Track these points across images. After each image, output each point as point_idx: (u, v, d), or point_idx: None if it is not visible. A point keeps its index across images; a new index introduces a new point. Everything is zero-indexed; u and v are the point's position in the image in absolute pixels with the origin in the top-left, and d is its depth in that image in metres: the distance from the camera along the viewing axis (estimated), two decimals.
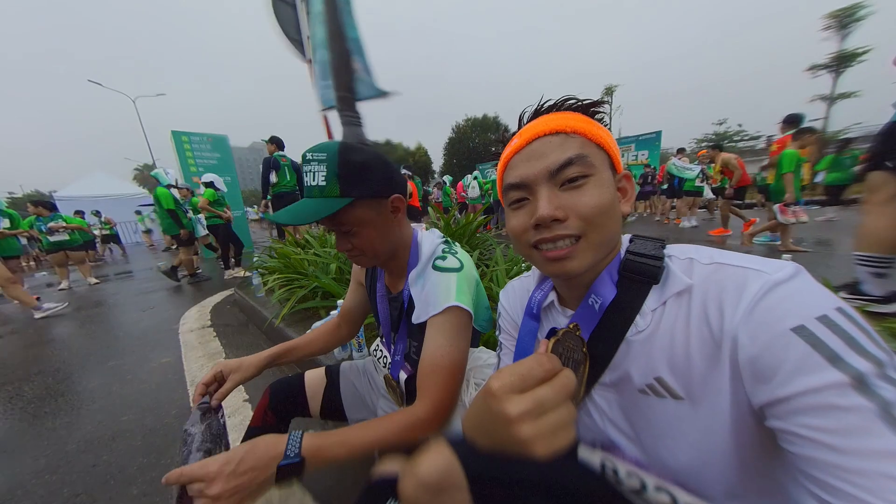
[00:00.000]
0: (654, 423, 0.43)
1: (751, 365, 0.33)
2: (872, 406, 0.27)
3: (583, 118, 0.46)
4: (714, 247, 0.43)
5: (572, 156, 0.43)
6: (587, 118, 0.47)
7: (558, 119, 0.46)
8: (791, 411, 0.30)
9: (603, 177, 0.44)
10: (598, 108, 0.48)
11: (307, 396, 0.91)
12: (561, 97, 0.49)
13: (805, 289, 0.33)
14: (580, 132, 0.44)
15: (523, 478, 0.47)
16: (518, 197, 0.47)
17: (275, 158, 4.51)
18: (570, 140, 0.44)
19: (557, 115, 0.47)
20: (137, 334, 2.72)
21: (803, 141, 3.51)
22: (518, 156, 0.47)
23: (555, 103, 0.49)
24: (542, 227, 0.44)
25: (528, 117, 0.50)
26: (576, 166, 0.43)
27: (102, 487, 1.14)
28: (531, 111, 0.50)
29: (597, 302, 0.46)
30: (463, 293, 0.68)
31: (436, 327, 0.67)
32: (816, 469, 0.29)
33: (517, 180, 0.46)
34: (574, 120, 0.45)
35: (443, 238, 0.80)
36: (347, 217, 0.65)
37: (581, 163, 0.43)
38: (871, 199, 1.72)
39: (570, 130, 0.44)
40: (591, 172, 0.43)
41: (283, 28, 2.46)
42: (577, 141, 0.44)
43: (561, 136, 0.44)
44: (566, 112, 0.48)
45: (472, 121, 39.47)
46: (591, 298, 0.47)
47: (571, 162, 0.43)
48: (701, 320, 0.38)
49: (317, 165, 0.62)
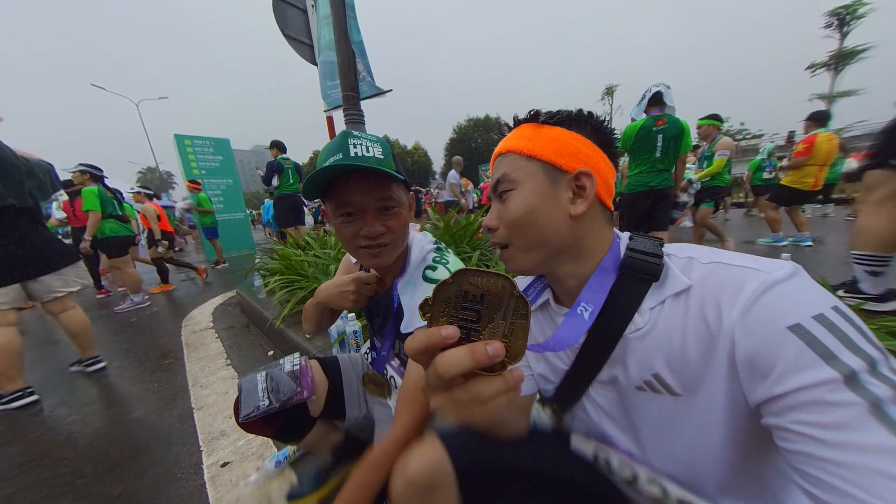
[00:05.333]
0: (650, 419, 0.44)
1: (748, 363, 0.34)
2: (863, 402, 0.28)
3: (522, 132, 0.50)
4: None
5: (499, 176, 0.50)
6: (528, 130, 0.50)
7: (504, 141, 0.53)
8: (786, 408, 0.31)
9: (528, 186, 0.47)
10: (537, 118, 0.51)
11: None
12: (514, 115, 0.55)
13: (802, 288, 0.34)
14: (512, 150, 0.50)
15: (515, 467, 0.48)
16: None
17: (278, 162, 4.52)
18: (503, 160, 0.51)
19: (511, 133, 0.53)
20: (141, 335, 2.75)
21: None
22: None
23: (514, 120, 0.54)
24: (490, 232, 0.52)
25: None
26: (502, 183, 0.50)
27: (112, 482, 1.15)
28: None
29: (586, 310, 0.46)
30: None
31: None
32: (807, 464, 0.29)
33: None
34: (512, 138, 0.51)
35: (434, 244, 0.80)
36: (395, 192, 0.67)
37: (505, 181, 0.49)
38: (869, 198, 1.70)
39: (505, 150, 0.51)
40: (512, 187, 0.48)
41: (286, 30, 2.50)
42: (508, 159, 0.50)
43: (500, 158, 0.52)
44: (519, 126, 0.52)
45: (474, 121, 39.48)
46: (579, 307, 0.47)
47: (499, 181, 0.50)
48: (699, 318, 0.38)
49: (369, 143, 0.65)
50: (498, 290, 0.30)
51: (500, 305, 0.30)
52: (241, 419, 0.78)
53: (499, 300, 0.30)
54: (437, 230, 2.94)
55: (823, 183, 3.52)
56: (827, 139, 3.34)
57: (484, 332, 0.30)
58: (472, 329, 0.30)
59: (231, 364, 2.01)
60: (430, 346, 0.28)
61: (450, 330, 0.28)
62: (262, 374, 0.84)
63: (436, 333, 0.28)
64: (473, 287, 0.30)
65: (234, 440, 1.31)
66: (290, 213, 4.76)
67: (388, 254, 0.70)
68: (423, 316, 0.31)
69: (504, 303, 0.30)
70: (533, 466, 0.48)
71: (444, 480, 0.44)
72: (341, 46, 1.89)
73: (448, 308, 0.30)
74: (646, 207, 2.69)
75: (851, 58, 21.51)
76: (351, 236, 0.67)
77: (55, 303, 1.92)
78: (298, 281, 2.43)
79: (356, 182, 0.63)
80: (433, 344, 0.28)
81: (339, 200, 0.65)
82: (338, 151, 0.62)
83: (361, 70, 2.38)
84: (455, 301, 0.30)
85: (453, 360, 0.27)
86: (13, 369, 1.73)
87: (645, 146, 2.60)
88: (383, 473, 0.54)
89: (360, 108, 2.04)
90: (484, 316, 0.30)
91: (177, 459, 1.24)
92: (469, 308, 0.30)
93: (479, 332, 0.30)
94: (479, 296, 0.30)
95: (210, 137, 7.36)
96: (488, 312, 0.30)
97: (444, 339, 0.27)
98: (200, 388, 1.75)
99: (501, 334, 0.30)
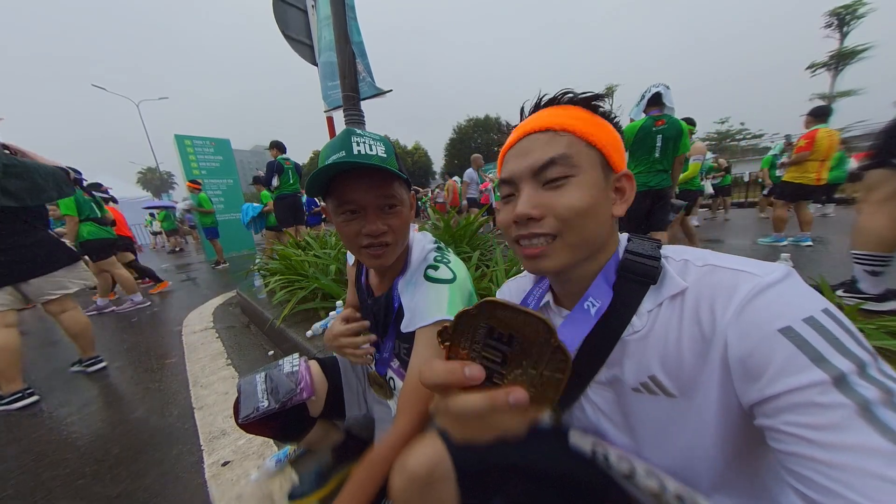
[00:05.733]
0: (647, 420, 0.44)
1: (740, 364, 0.34)
2: (852, 404, 0.28)
3: (578, 115, 0.45)
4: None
5: (555, 155, 0.42)
6: (585, 113, 0.45)
7: (551, 116, 0.45)
8: (777, 409, 0.31)
9: (587, 177, 0.43)
10: (598, 101, 0.47)
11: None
12: (560, 90, 0.47)
13: (793, 291, 0.34)
14: (570, 130, 0.44)
15: (513, 464, 0.48)
16: (507, 192, 0.48)
17: (278, 162, 4.52)
18: (557, 139, 0.43)
19: (553, 110, 0.46)
20: (142, 336, 2.75)
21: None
22: (511, 151, 0.48)
23: (553, 97, 0.48)
24: (520, 223, 0.44)
25: (528, 111, 0.50)
26: (558, 166, 0.42)
27: (112, 481, 1.16)
28: (531, 105, 0.50)
29: (593, 305, 0.46)
30: (455, 306, 0.67)
31: (424, 341, 0.66)
32: (797, 464, 0.30)
33: (507, 175, 0.47)
34: (567, 117, 0.44)
35: (435, 243, 0.80)
36: (398, 191, 0.67)
37: (564, 163, 0.42)
38: (870, 197, 1.69)
39: (558, 128, 0.44)
40: (573, 173, 0.43)
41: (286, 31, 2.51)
42: (564, 140, 0.43)
43: (549, 134, 0.44)
44: (564, 107, 0.46)
45: (474, 121, 39.50)
46: (587, 302, 0.46)
47: (553, 162, 0.42)
48: (693, 320, 0.38)
49: (372, 141, 0.64)
50: (530, 335, 0.26)
51: (532, 352, 0.26)
52: (240, 420, 0.78)
53: (530, 346, 0.26)
54: (436, 230, 2.95)
55: (826, 179, 3.56)
56: (827, 134, 3.37)
57: (508, 376, 0.27)
58: (494, 371, 0.27)
59: (231, 364, 2.01)
60: (450, 385, 0.27)
61: (475, 371, 0.26)
62: (262, 375, 0.84)
63: (458, 373, 0.26)
64: (502, 325, 0.26)
65: (234, 439, 1.32)
66: (290, 213, 4.76)
67: (390, 254, 0.70)
68: (441, 344, 0.28)
69: (536, 350, 0.26)
70: (532, 463, 0.48)
71: (443, 475, 0.45)
72: (342, 47, 1.89)
73: (470, 342, 0.27)
74: (645, 208, 2.70)
75: (851, 58, 21.53)
76: (353, 235, 0.66)
77: (54, 303, 1.92)
78: (299, 281, 2.43)
79: (358, 180, 0.63)
80: (454, 384, 0.26)
81: (341, 198, 0.65)
82: (340, 149, 0.62)
83: (362, 70, 2.39)
84: (478, 336, 0.27)
85: (469, 406, 0.25)
86: (13, 370, 1.73)
87: (644, 146, 2.60)
88: (384, 471, 0.54)
89: (360, 109, 2.04)
90: (511, 360, 0.26)
91: (178, 459, 1.25)
92: (494, 347, 0.27)
93: (503, 377, 0.27)
94: (506, 335, 0.26)
95: (210, 138, 7.36)
96: (517, 357, 0.26)
97: (466, 381, 0.26)
98: (201, 388, 1.76)
99: (528, 385, 0.26)
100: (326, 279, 2.22)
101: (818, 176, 3.47)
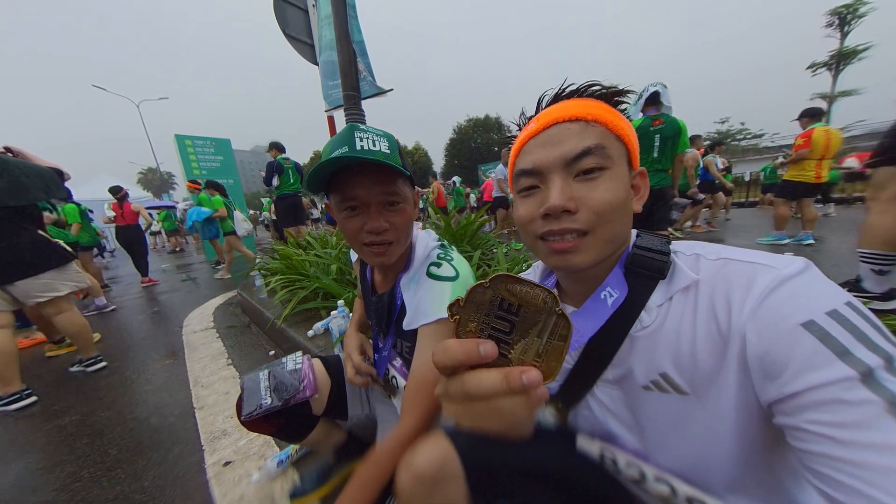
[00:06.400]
0: (657, 419, 0.43)
1: (759, 361, 0.33)
2: (880, 400, 0.27)
3: (605, 107, 0.44)
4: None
5: (591, 145, 0.40)
6: (609, 107, 0.44)
7: (579, 105, 0.43)
8: (799, 407, 0.30)
9: (619, 171, 0.42)
10: (622, 97, 0.46)
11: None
12: (585, 82, 0.46)
13: (814, 283, 0.33)
14: (601, 121, 0.42)
15: (520, 466, 0.47)
16: (529, 184, 0.45)
17: (278, 162, 4.52)
18: (590, 129, 0.42)
19: (578, 101, 0.45)
20: (142, 335, 2.74)
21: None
22: (533, 141, 0.45)
23: (577, 88, 0.46)
24: (551, 217, 0.42)
25: (547, 101, 0.48)
26: (593, 157, 0.40)
27: (111, 482, 1.15)
28: (551, 95, 0.48)
29: (611, 296, 0.45)
30: None
31: (426, 340, 0.65)
32: (822, 464, 0.29)
33: (530, 166, 0.44)
34: (596, 108, 0.43)
35: (438, 241, 0.79)
36: (401, 188, 0.66)
37: (599, 154, 0.41)
38: (879, 196, 1.68)
39: (591, 119, 0.42)
40: (607, 165, 0.41)
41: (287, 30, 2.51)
42: (598, 130, 0.42)
43: (581, 124, 0.42)
44: (588, 99, 0.45)
45: (474, 121, 39.48)
46: (604, 292, 0.45)
47: (589, 152, 0.40)
48: (708, 316, 0.37)
49: (376, 136, 0.63)
50: (538, 303, 0.27)
51: (538, 321, 0.27)
52: (243, 417, 0.77)
53: (537, 315, 0.27)
54: (437, 230, 2.94)
55: (826, 177, 3.57)
56: (824, 132, 3.40)
57: (516, 346, 0.28)
58: (502, 340, 0.28)
59: (232, 364, 2.01)
60: (465, 363, 0.26)
61: (489, 348, 0.26)
62: (265, 373, 0.84)
63: (473, 350, 0.26)
64: (511, 295, 0.28)
65: (235, 440, 1.31)
66: (290, 212, 4.76)
67: (393, 252, 0.69)
68: (450, 317, 0.29)
69: (542, 318, 0.27)
70: (539, 466, 0.48)
71: (452, 474, 0.44)
72: (342, 46, 1.89)
73: (479, 314, 0.28)
74: (646, 208, 2.69)
75: (852, 57, 21.53)
76: (355, 231, 0.65)
77: (48, 305, 1.88)
78: (299, 281, 2.43)
79: (361, 175, 0.62)
80: (470, 362, 0.26)
81: (343, 194, 0.64)
82: (343, 144, 0.61)
83: (362, 70, 2.39)
84: (489, 307, 0.28)
85: (486, 384, 0.25)
86: (10, 371, 1.72)
87: (642, 146, 2.60)
88: (388, 470, 0.54)
89: (360, 108, 2.04)
90: (518, 329, 0.28)
91: (178, 459, 1.24)
92: (503, 317, 0.28)
93: (511, 346, 0.28)
94: (515, 306, 0.28)
95: (210, 138, 7.35)
96: (523, 326, 0.28)
97: (481, 359, 0.26)
98: (202, 388, 1.75)
99: (534, 353, 0.27)
100: (327, 279, 2.21)
101: (817, 174, 3.51)
